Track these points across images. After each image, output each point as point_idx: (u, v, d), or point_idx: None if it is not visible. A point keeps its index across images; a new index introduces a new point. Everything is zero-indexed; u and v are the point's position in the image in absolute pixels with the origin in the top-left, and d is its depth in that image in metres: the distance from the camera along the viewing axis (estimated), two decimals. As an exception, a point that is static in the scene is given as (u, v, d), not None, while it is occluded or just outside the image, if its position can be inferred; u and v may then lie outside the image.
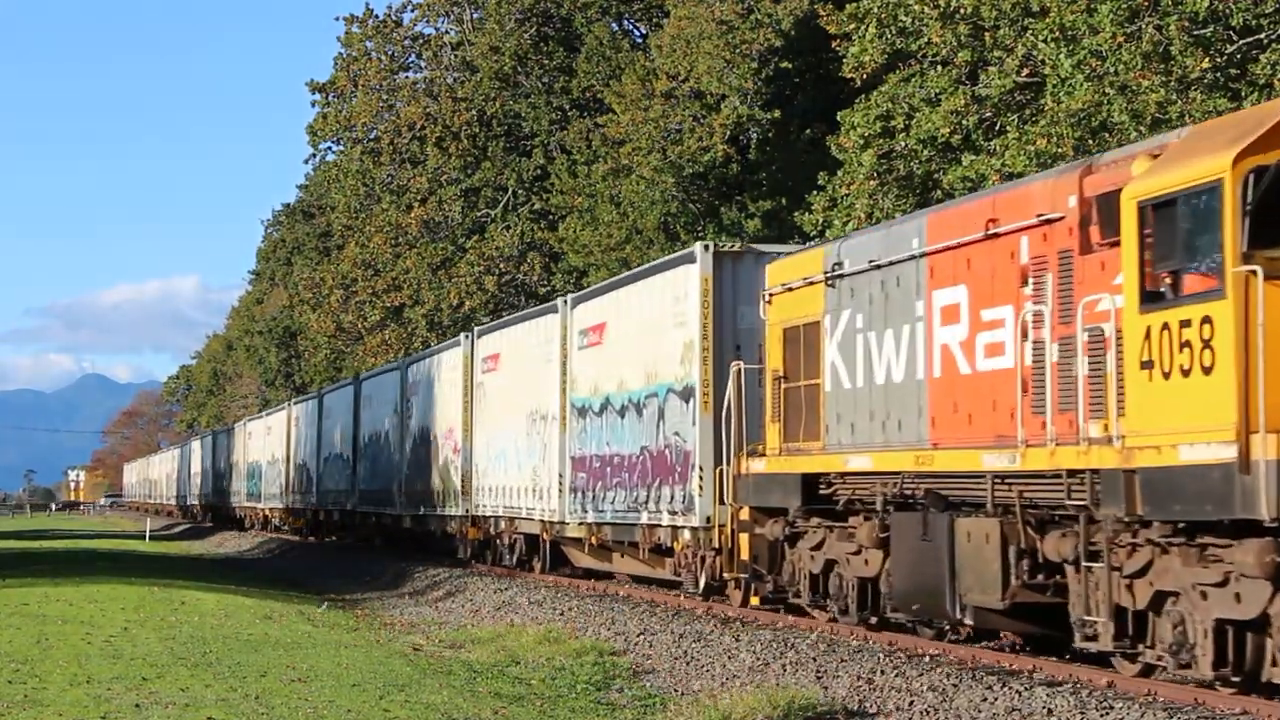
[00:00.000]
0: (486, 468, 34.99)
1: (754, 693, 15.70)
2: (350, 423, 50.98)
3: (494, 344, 35.24)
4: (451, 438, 37.44)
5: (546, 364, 30.94)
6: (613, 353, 27.78)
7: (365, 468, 48.64)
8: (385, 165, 54.30)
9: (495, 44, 50.53)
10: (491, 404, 35.03)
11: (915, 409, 18.05)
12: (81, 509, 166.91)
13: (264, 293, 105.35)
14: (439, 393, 39.26)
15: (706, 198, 40.50)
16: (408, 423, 42.69)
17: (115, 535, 73.70)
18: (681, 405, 24.35)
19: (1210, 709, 13.86)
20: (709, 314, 23.80)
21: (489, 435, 34.90)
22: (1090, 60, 25.20)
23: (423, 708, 15.32)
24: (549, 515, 30.54)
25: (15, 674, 17.25)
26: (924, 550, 17.38)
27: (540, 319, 32.01)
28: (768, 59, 38.75)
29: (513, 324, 34.21)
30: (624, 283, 28.00)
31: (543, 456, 30.98)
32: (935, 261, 17.71)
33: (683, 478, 24.21)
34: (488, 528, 35.25)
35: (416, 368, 42.61)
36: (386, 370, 47.63)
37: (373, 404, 48.16)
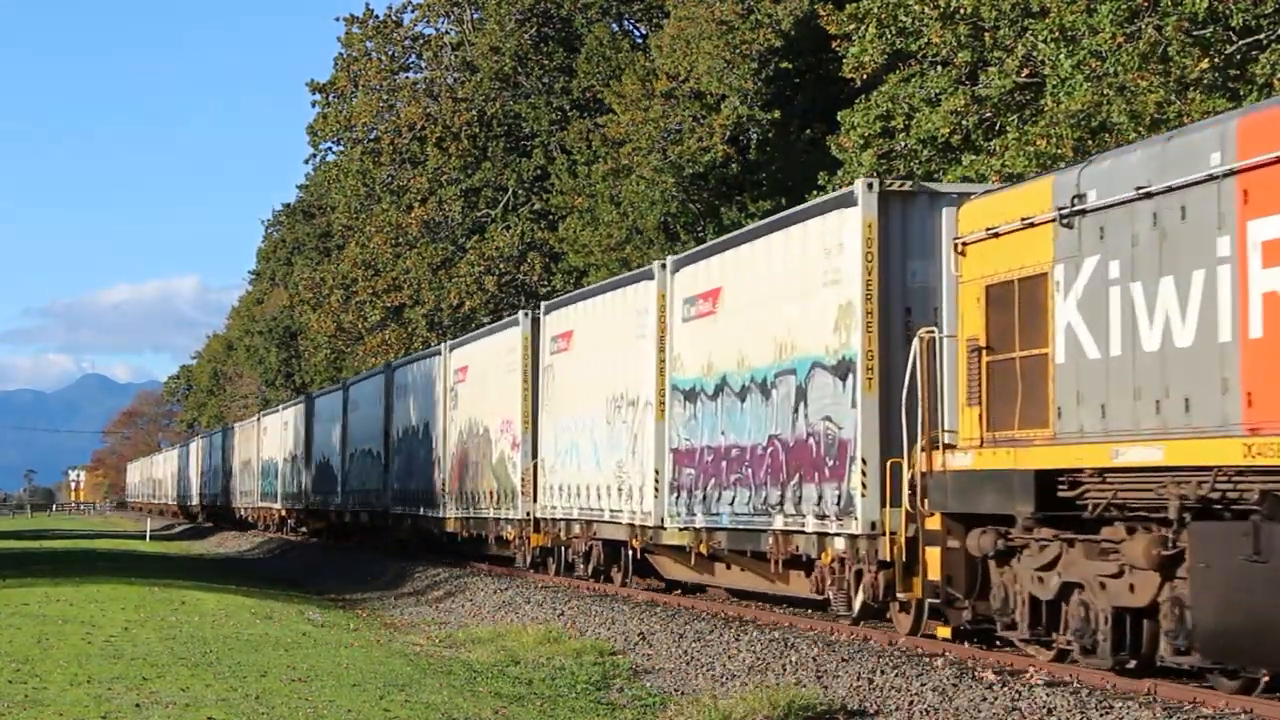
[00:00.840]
0: (555, 464, 30.57)
1: (754, 693, 15.72)
2: (381, 415, 46.39)
3: (566, 320, 30.55)
4: (509, 430, 33.06)
5: (638, 340, 26.55)
6: (731, 323, 23.28)
7: (400, 464, 43.90)
8: (385, 165, 54.32)
9: (495, 44, 50.55)
10: (562, 389, 30.39)
11: (1216, 382, 13.60)
12: (82, 509, 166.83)
13: (264, 293, 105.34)
14: (492, 379, 34.77)
15: (706, 198, 40.50)
16: (452, 414, 38.24)
17: (115, 535, 73.71)
18: (834, 384, 19.79)
19: (1210, 709, 13.86)
20: (874, 269, 19.24)
21: (558, 426, 30.45)
22: (1090, 60, 25.22)
23: (423, 707, 15.33)
24: (640, 518, 26.10)
25: (16, 674, 17.26)
26: (1253, 575, 13.05)
27: (629, 288, 27.51)
28: (768, 59, 38.76)
29: (591, 295, 29.74)
30: (746, 238, 23.41)
31: (631, 449, 26.73)
32: (1252, 181, 13.29)
33: (836, 474, 19.65)
34: (555, 532, 30.70)
35: (463, 352, 38.17)
36: (424, 356, 43.30)
37: (409, 394, 43.47)
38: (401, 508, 43.46)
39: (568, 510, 29.75)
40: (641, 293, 26.78)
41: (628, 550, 27.66)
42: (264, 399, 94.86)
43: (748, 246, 23.02)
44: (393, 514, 44.63)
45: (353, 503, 50.23)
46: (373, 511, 47.32)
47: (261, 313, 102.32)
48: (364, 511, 48.62)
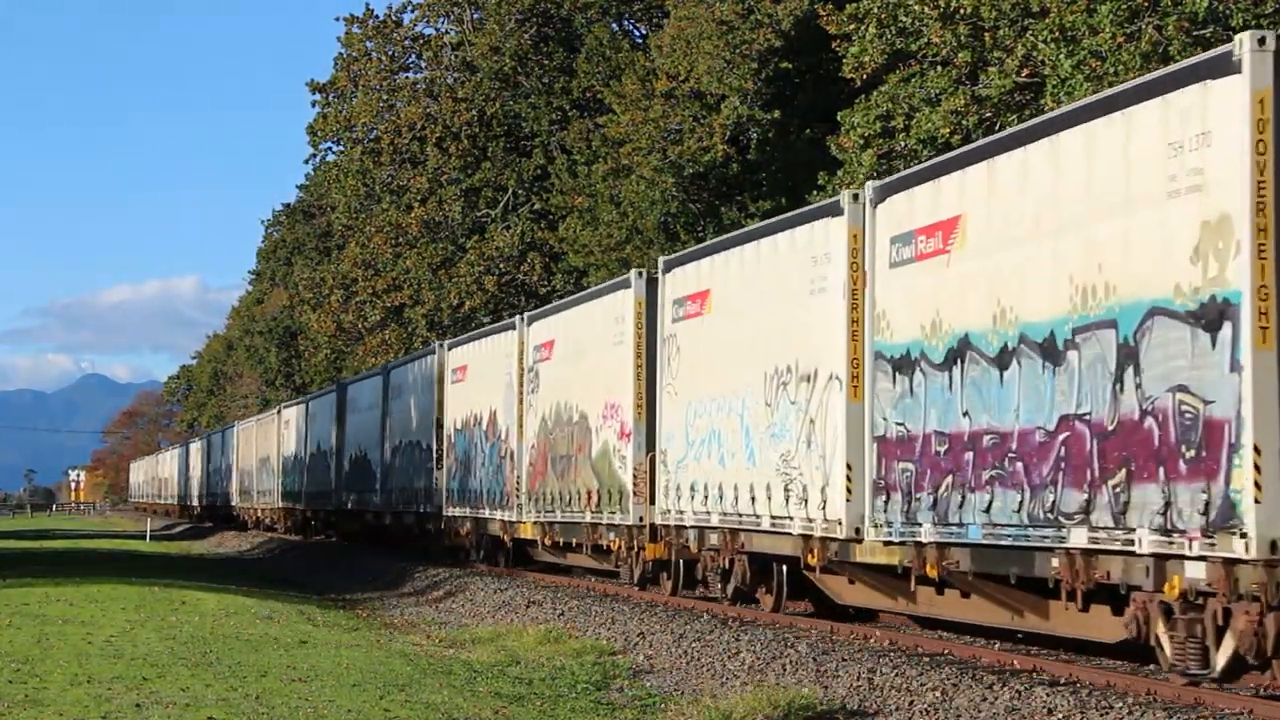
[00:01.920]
0: (682, 457, 24.75)
1: (754, 693, 15.72)
2: (431, 403, 39.98)
3: (698, 277, 24.65)
4: (615, 416, 27.67)
5: (813, 295, 20.77)
6: (979, 264, 17.35)
7: (458, 459, 37.84)
8: (385, 165, 54.31)
9: (495, 44, 50.55)
10: (694, 364, 24.57)
11: None
12: (82, 509, 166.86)
13: (264, 293, 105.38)
14: (591, 354, 29.03)
15: (707, 198, 40.50)
16: (531, 399, 32.30)
17: (115, 535, 73.72)
18: (1193, 338, 14.11)
19: (1210, 708, 13.87)
20: (1268, 165, 13.52)
21: (688, 410, 24.59)
22: (1090, 60, 25.24)
23: (423, 707, 15.33)
24: (820, 528, 20.10)
25: (16, 674, 17.26)
26: None
27: (799, 229, 21.50)
28: (768, 59, 38.76)
29: (737, 244, 23.68)
30: (999, 147, 17.37)
31: (804, 438, 20.77)
32: None
33: (1201, 469, 13.93)
34: (680, 543, 24.99)
35: (546, 324, 32.09)
36: (489, 332, 36.94)
37: (469, 377, 37.45)
38: (458, 509, 37.48)
39: (701, 516, 23.86)
40: (821, 234, 20.70)
41: (780, 567, 22.63)
42: (264, 399, 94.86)
43: (1005, 156, 17.01)
44: (447, 516, 38.53)
45: (395, 502, 44.37)
46: (420, 513, 41.26)
47: (261, 313, 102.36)
48: (408, 513, 42.57)
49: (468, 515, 36.82)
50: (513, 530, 33.48)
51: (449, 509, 38.28)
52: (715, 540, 23.61)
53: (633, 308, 26.94)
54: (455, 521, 38.02)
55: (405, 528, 43.60)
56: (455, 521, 38.02)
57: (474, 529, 36.72)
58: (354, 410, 51.09)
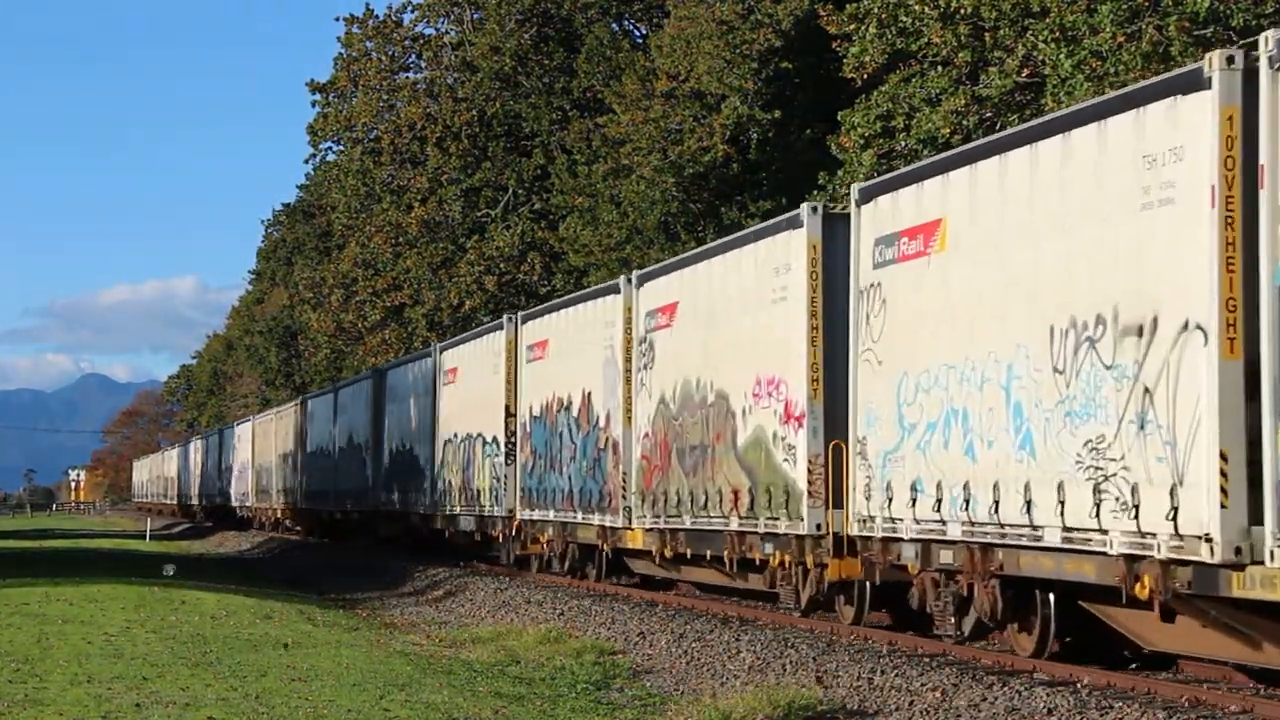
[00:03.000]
0: (894, 446, 18.72)
1: (754, 693, 15.72)
2: (500, 387, 33.69)
3: (920, 204, 18.31)
4: (774, 395, 21.56)
5: (1149, 210, 14.48)
6: None
7: (535, 453, 31.96)
8: (385, 165, 54.31)
9: (495, 44, 50.55)
10: (910, 322, 18.47)
11: None
12: (82, 509, 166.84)
13: (264, 292, 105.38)
14: (735, 315, 23.02)
15: (707, 198, 40.50)
16: (642, 376, 26.52)
17: (115, 535, 73.73)
18: None
19: (1210, 708, 13.87)
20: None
21: (900, 384, 18.56)
22: (1090, 60, 25.24)
23: (423, 707, 15.33)
24: (1166, 546, 14.23)
25: (16, 673, 17.26)
26: None
27: (1124, 115, 14.94)
28: (768, 59, 38.76)
29: (1000, 150, 16.98)
30: None
31: (1133, 416, 14.66)
32: None
33: None
34: (889, 560, 19.03)
35: (662, 285, 26.04)
36: (579, 299, 30.55)
37: (552, 353, 31.25)
38: (536, 512, 31.76)
39: (929, 526, 17.96)
40: (1165, 120, 14.41)
41: (1046, 596, 17.27)
42: (264, 399, 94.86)
43: None
44: (521, 520, 32.78)
45: (448, 503, 38.37)
46: (482, 516, 35.45)
47: (261, 312, 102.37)
48: (466, 515, 36.79)
49: (549, 519, 31.01)
50: (615, 538, 27.53)
51: (523, 511, 32.46)
52: (951, 558, 17.69)
53: (804, 253, 20.80)
54: (532, 527, 32.23)
55: (463, 532, 37.58)
56: (532, 527, 32.23)
57: (558, 536, 30.76)
58: (394, 399, 45.27)
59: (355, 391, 51.35)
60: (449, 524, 38.51)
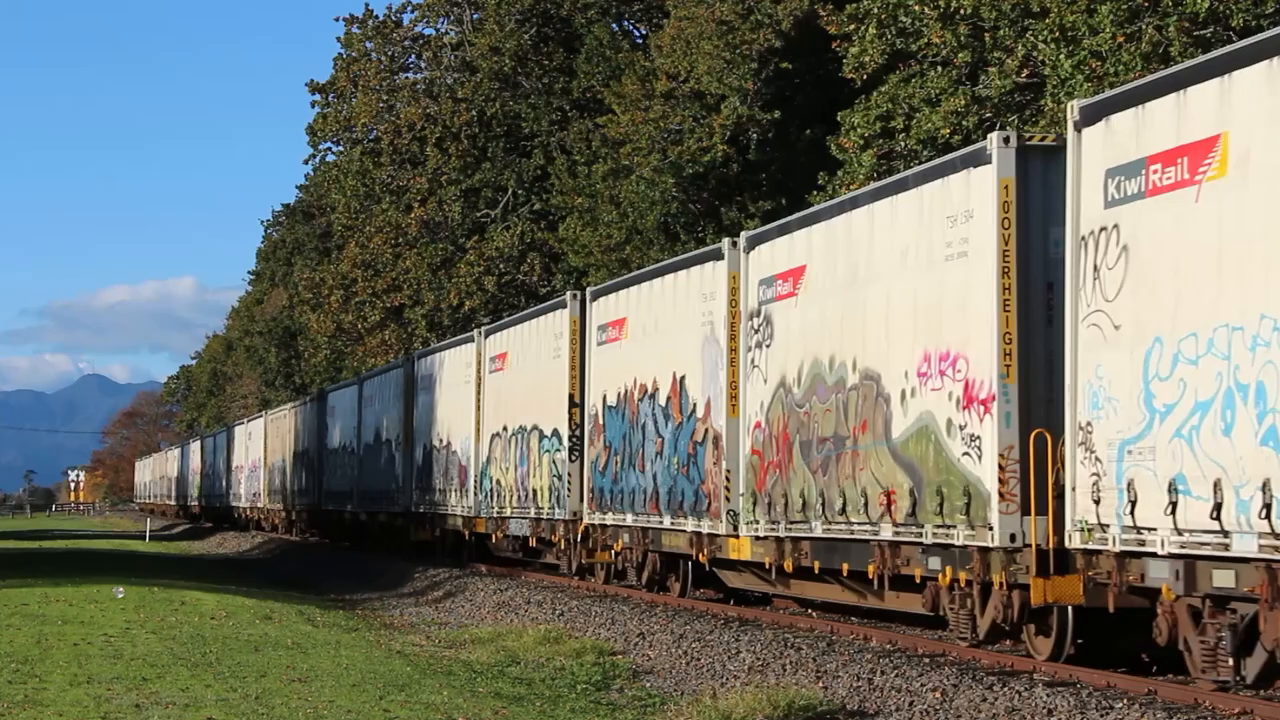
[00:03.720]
0: (1140, 433, 14.88)
1: (754, 693, 15.72)
2: (559, 373, 29.98)
3: (1180, 121, 14.36)
4: (949, 374, 17.62)
5: None
6: None
7: (609, 448, 28.05)
8: (385, 166, 54.30)
9: (495, 45, 50.54)
10: (1164, 277, 14.66)
11: None
12: (81, 509, 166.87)
13: (264, 293, 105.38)
14: (882, 282, 19.04)
15: (706, 198, 40.49)
16: (756, 355, 22.47)
17: (115, 535, 73.73)
18: None
19: (1210, 709, 13.87)
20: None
21: (1150, 355, 14.79)
22: (1090, 61, 25.24)
23: (423, 708, 15.33)
24: None
25: (15, 674, 17.26)
26: None
27: None
28: (768, 59, 38.74)
29: None
30: None
31: None
32: None
33: None
34: (1126, 579, 15.11)
35: (784, 245, 21.92)
36: (669, 269, 26.27)
37: (631, 333, 27.29)
38: (610, 515, 27.85)
39: (1197, 537, 14.04)
40: None
41: None
42: (264, 399, 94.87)
43: None
44: (590, 525, 28.84)
45: (495, 504, 34.51)
46: (539, 519, 31.31)
47: (261, 313, 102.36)
48: (519, 518, 32.66)
49: (625, 524, 27.12)
50: (715, 547, 23.63)
51: (592, 514, 28.61)
52: (1231, 581, 13.91)
53: (993, 196, 16.93)
54: (601, 533, 28.25)
55: (513, 538, 33.75)
56: (601, 533, 28.25)
57: (636, 543, 26.81)
58: (429, 389, 41.23)
59: (384, 382, 46.83)
60: (496, 528, 34.41)
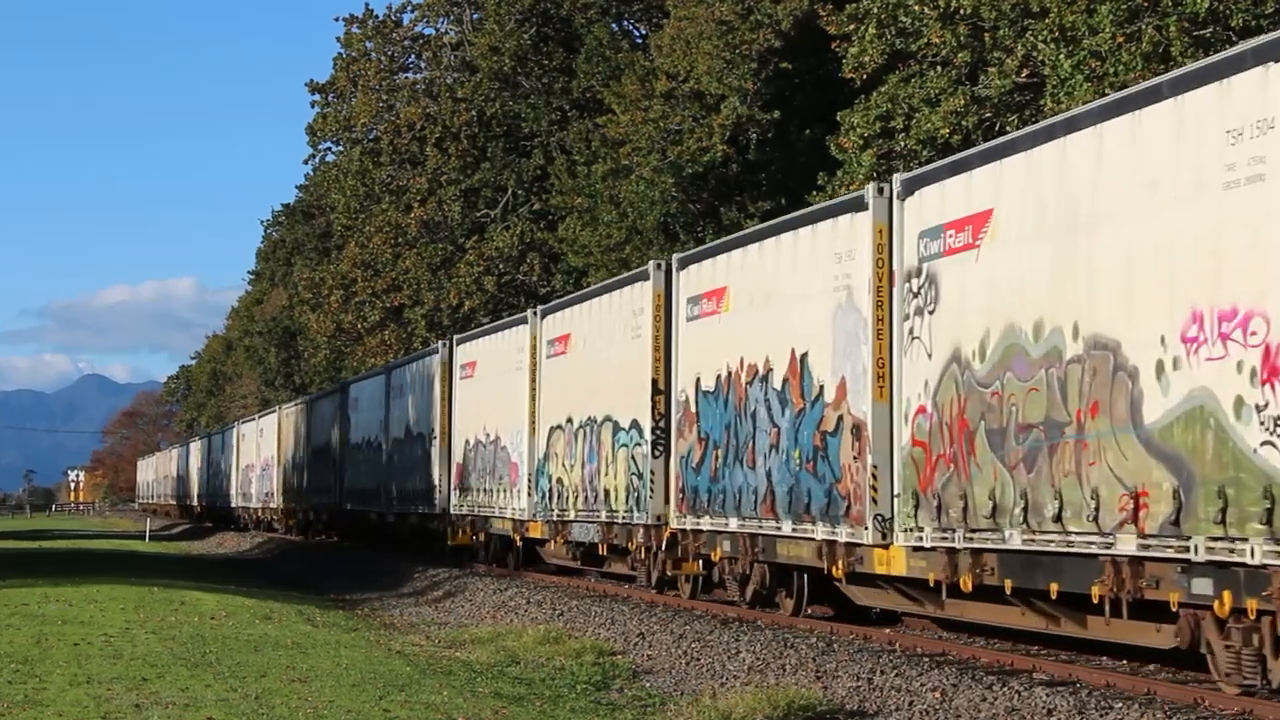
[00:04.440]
0: None
1: (754, 693, 15.72)
2: (637, 356, 26.14)
3: None
4: (1240, 337, 13.55)
5: None
6: None
7: (705, 440, 23.69)
8: (385, 165, 54.32)
9: (495, 44, 50.55)
10: None
11: None
12: (81, 509, 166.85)
13: (263, 293, 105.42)
14: (1124, 224, 14.99)
15: (706, 198, 40.50)
16: (919, 324, 18.49)
17: (115, 535, 73.72)
18: None
19: (1210, 709, 13.87)
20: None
21: None
22: (1090, 61, 25.24)
23: (423, 708, 15.33)
24: None
25: (15, 674, 17.26)
26: None
27: None
28: (767, 59, 38.75)
29: None
30: None
31: None
32: None
33: None
34: None
35: (960, 186, 17.81)
36: (795, 223, 21.72)
37: (734, 304, 23.08)
38: (704, 519, 23.48)
39: None
40: None
41: None
42: (264, 399, 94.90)
43: None
44: (678, 531, 24.65)
45: (557, 507, 30.08)
46: (610, 523, 27.20)
47: (261, 313, 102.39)
48: (586, 522, 28.61)
49: (727, 529, 22.85)
50: (854, 560, 19.46)
51: (683, 518, 24.36)
52: None
53: None
54: (694, 539, 24.21)
55: (577, 544, 29.64)
56: (694, 539, 24.21)
57: (743, 552, 22.48)
58: (469, 378, 37.33)
59: (415, 371, 42.63)
60: (555, 533, 30.38)
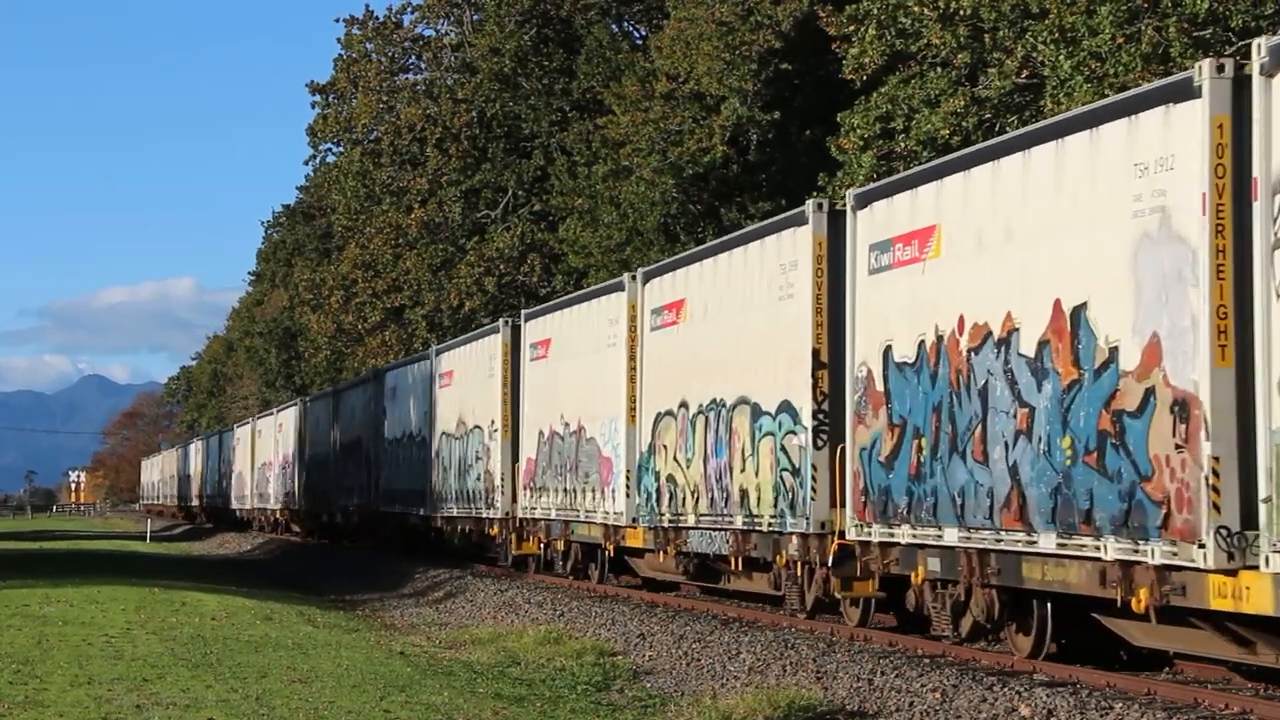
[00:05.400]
0: None
1: (754, 693, 15.74)
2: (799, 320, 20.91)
3: None
4: None
5: None
6: None
7: (904, 425, 18.44)
8: (385, 166, 54.32)
9: (495, 45, 50.55)
10: None
11: None
12: (82, 510, 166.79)
13: (264, 294, 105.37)
14: None
15: (706, 199, 40.50)
16: None
17: (116, 536, 73.70)
18: None
19: (1210, 709, 13.89)
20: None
21: None
22: (1090, 62, 25.26)
23: (423, 708, 15.34)
24: None
25: (16, 675, 17.27)
26: None
27: None
28: (768, 60, 38.75)
29: None
30: None
31: None
32: None
33: None
34: None
35: None
36: (1063, 128, 15.89)
37: (977, 252, 17.08)
38: (904, 528, 18.24)
39: None
40: None
41: None
42: (264, 400, 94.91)
43: None
44: (861, 543, 19.18)
45: (669, 511, 24.79)
46: (750, 530, 21.96)
47: (261, 314, 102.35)
48: (713, 528, 23.14)
49: (938, 544, 17.53)
50: (1170, 589, 14.12)
51: (864, 528, 19.06)
52: None
53: None
54: (883, 555, 18.81)
55: (695, 556, 24.51)
56: (883, 555, 18.81)
57: (965, 572, 17.06)
58: (542, 359, 31.73)
59: (468, 355, 36.92)
60: (665, 541, 25.02)
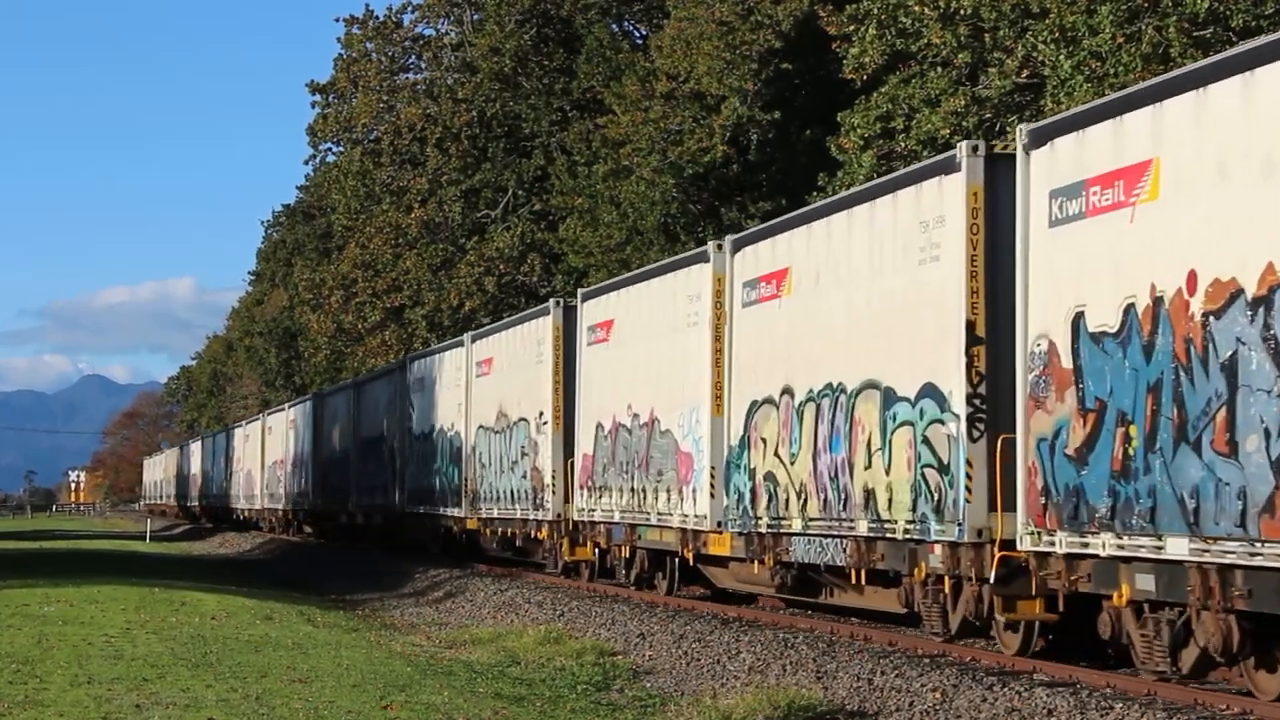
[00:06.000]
0: None
1: (754, 693, 15.73)
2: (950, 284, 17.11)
3: None
4: None
5: None
6: None
7: (1101, 407, 14.79)
8: (385, 166, 54.32)
9: (495, 45, 50.55)
10: None
11: None
12: (82, 510, 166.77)
13: (264, 294, 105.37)
14: None
15: (707, 199, 40.50)
16: None
17: (116, 536, 73.70)
18: None
19: (1210, 709, 13.88)
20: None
21: None
22: (1090, 61, 25.25)
23: (423, 708, 15.34)
24: None
25: (16, 674, 17.26)
26: None
27: None
28: (768, 60, 38.74)
29: None
30: None
31: None
32: None
33: None
34: None
35: None
36: None
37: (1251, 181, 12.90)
38: (1100, 538, 14.70)
39: None
40: None
41: None
42: (264, 400, 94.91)
43: None
44: (1037, 554, 15.88)
45: (768, 513, 21.35)
46: (882, 538, 18.71)
47: (261, 314, 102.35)
48: (827, 535, 19.94)
49: (1152, 557, 14.24)
50: None
51: (1045, 537, 15.59)
52: None
53: None
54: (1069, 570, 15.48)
55: (801, 567, 21.30)
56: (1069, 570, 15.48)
57: (1194, 596, 13.86)
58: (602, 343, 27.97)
59: (516, 338, 32.76)
60: (761, 550, 21.71)
